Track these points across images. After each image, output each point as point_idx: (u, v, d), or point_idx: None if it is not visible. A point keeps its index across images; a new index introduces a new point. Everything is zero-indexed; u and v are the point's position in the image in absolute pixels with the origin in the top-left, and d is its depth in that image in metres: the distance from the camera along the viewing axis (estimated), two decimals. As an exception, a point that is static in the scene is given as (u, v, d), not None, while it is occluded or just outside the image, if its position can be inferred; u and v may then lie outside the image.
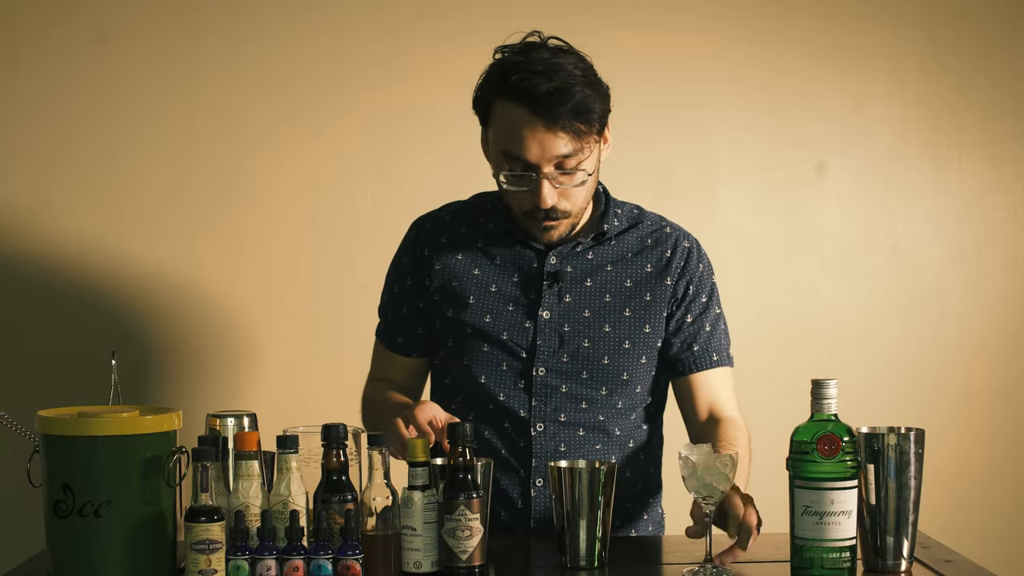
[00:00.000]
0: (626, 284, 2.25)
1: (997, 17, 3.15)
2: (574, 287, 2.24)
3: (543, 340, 2.21)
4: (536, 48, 2.16)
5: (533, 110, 2.08)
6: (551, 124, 2.08)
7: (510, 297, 2.24)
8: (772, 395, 3.04)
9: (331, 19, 3.02)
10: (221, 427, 1.91)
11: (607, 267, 2.26)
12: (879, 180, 3.15)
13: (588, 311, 2.23)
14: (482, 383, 2.21)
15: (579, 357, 2.21)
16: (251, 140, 3.01)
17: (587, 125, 2.11)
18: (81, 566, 1.76)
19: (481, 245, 2.28)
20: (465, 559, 1.80)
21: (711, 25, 3.09)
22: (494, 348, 2.22)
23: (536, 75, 2.09)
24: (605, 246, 2.27)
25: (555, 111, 2.08)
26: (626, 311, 2.24)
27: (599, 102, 2.14)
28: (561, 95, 2.08)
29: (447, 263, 2.27)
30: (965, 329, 3.17)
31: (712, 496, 1.86)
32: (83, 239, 2.98)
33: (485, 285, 2.25)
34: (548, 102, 2.08)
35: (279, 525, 1.78)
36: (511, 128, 2.11)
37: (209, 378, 3.02)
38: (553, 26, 3.05)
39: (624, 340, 2.23)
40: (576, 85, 2.10)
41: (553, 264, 2.24)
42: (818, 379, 1.83)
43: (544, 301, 2.23)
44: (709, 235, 3.10)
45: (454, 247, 2.28)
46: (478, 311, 2.23)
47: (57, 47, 2.97)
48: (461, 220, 2.31)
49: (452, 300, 2.25)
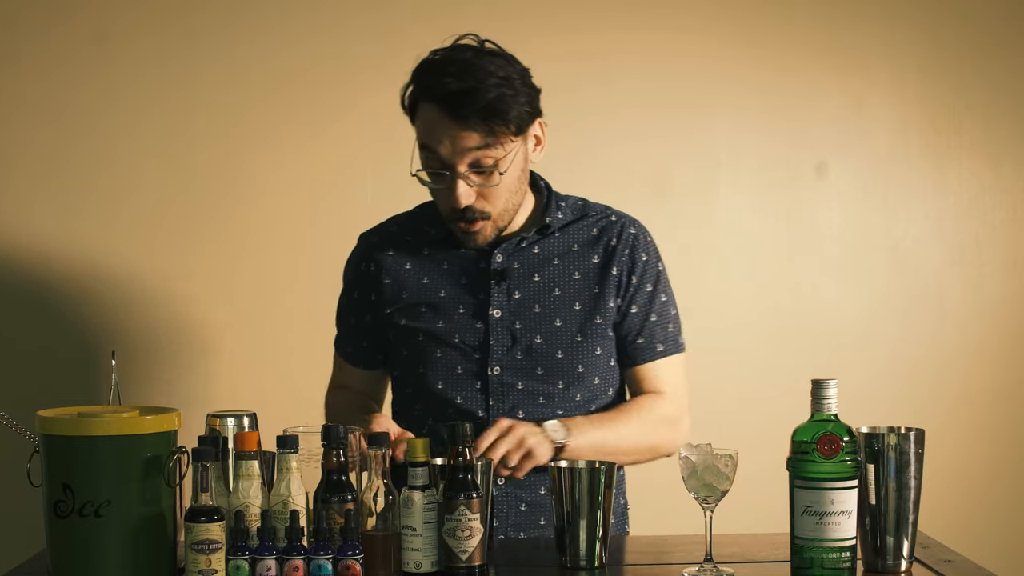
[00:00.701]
0: (574, 277, 2.26)
1: (997, 17, 3.15)
2: (522, 283, 2.25)
3: (495, 339, 2.22)
4: (460, 49, 2.18)
5: (443, 108, 2.11)
6: (461, 123, 2.11)
7: (459, 300, 2.25)
8: (772, 395, 3.04)
9: (331, 19, 3.02)
10: (221, 427, 1.91)
11: (554, 260, 2.26)
12: (879, 180, 3.15)
13: (538, 306, 2.24)
14: (440, 388, 2.23)
15: (533, 353, 2.22)
16: (251, 140, 3.01)
17: (500, 124, 2.12)
18: (81, 566, 1.76)
19: (427, 252, 2.29)
20: (465, 559, 1.80)
21: (711, 25, 3.09)
22: (448, 352, 2.23)
23: (448, 75, 2.11)
24: (550, 239, 2.28)
25: (463, 110, 2.10)
26: (576, 304, 2.25)
27: (518, 103, 2.14)
28: (471, 94, 2.10)
29: (396, 275, 2.29)
30: (965, 329, 3.17)
31: (712, 496, 1.86)
32: (83, 238, 2.98)
33: (434, 291, 2.26)
34: (457, 101, 2.10)
35: (279, 525, 1.78)
36: (427, 125, 2.15)
37: (209, 378, 3.02)
38: (552, 26, 3.07)
39: (576, 333, 2.23)
40: (490, 85, 2.11)
41: (499, 262, 2.25)
42: (818, 379, 1.83)
43: (493, 300, 2.23)
44: (709, 235, 3.13)
45: (402, 258, 2.30)
46: (430, 318, 2.25)
47: (57, 47, 2.97)
48: (407, 230, 2.33)
49: (404, 310, 2.27)
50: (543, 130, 2.22)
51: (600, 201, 2.36)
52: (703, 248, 3.09)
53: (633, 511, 2.40)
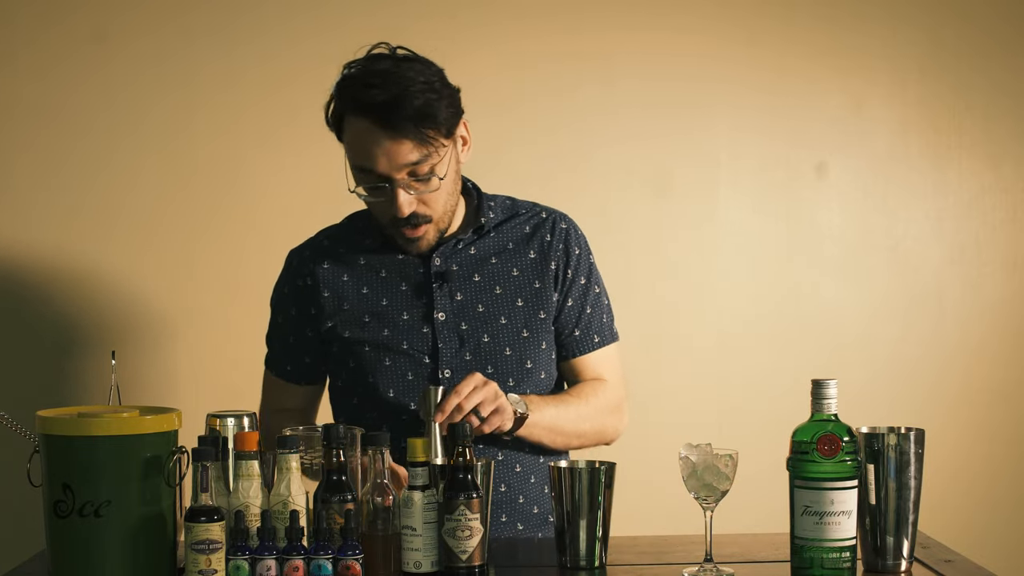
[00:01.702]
0: (513, 274, 2.27)
1: (997, 17, 3.15)
2: (463, 284, 2.25)
3: (444, 342, 2.22)
4: (377, 59, 2.16)
5: (374, 121, 2.10)
6: (393, 133, 2.10)
7: (403, 306, 2.25)
8: (772, 395, 3.04)
9: (331, 19, 3.02)
10: (221, 427, 1.91)
11: (492, 259, 2.28)
12: (879, 180, 3.15)
13: (482, 306, 2.25)
14: (391, 396, 2.22)
15: (481, 352, 2.22)
16: (250, 140, 3.01)
17: (431, 130, 2.12)
18: (81, 566, 1.76)
19: (364, 262, 2.29)
20: (465, 559, 1.80)
21: (711, 25, 3.09)
22: (397, 359, 2.22)
23: (372, 87, 2.10)
24: (485, 239, 2.29)
25: (394, 120, 2.09)
26: (518, 301, 2.26)
27: (444, 105, 2.14)
28: (399, 102, 2.09)
29: (334, 287, 2.28)
30: (965, 329, 3.17)
31: (712, 496, 1.86)
32: (82, 238, 2.98)
33: (376, 300, 2.26)
34: (386, 111, 2.09)
35: (279, 525, 1.78)
36: (357, 142, 2.14)
37: (209, 378, 3.02)
38: (552, 26, 3.07)
39: (522, 329, 2.25)
40: (415, 91, 2.10)
41: (438, 265, 2.25)
42: (818, 379, 1.83)
43: (437, 303, 2.24)
44: (709, 235, 3.12)
45: (338, 270, 2.29)
46: (374, 327, 2.24)
47: (55, 47, 2.97)
48: (339, 242, 2.32)
49: (347, 322, 2.26)
50: (467, 129, 2.22)
51: (601, 201, 2.36)
52: (703, 248, 3.09)
53: (633, 511, 2.40)
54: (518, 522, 2.25)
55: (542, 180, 2.49)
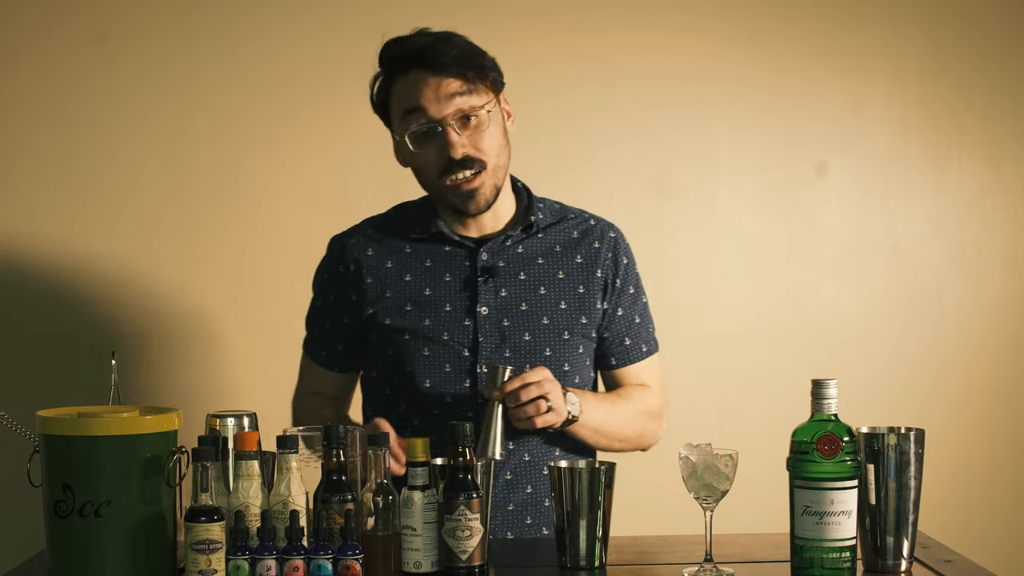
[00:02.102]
0: (558, 276, 2.27)
1: (997, 17, 3.15)
2: (508, 281, 2.25)
3: (484, 336, 2.22)
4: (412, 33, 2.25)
5: (420, 64, 2.17)
6: (439, 70, 2.17)
7: (446, 297, 2.25)
8: (772, 395, 3.04)
9: (331, 19, 3.02)
10: (221, 427, 1.91)
11: (538, 260, 2.28)
12: (879, 180, 3.15)
13: (525, 304, 2.25)
14: (427, 387, 2.22)
15: (521, 350, 2.22)
16: (251, 141, 3.01)
17: (475, 71, 2.18)
18: (81, 566, 1.76)
19: (409, 251, 2.29)
20: (465, 559, 1.80)
21: (711, 25, 3.09)
22: (436, 350, 2.22)
23: (416, 37, 2.20)
24: (533, 239, 2.29)
25: (440, 58, 2.17)
26: (562, 303, 2.26)
27: (487, 58, 2.22)
28: (442, 43, 2.18)
29: (377, 274, 2.28)
30: (965, 329, 3.17)
31: (712, 496, 1.86)
32: (83, 239, 2.98)
33: (419, 290, 2.26)
34: (431, 52, 2.17)
35: (279, 525, 1.78)
36: (406, 89, 2.19)
37: (209, 378, 3.02)
38: (552, 26, 3.07)
39: (563, 331, 2.25)
40: (458, 40, 2.21)
41: (485, 259, 2.25)
42: (818, 379, 1.83)
43: (481, 297, 2.24)
44: (709, 235, 3.12)
45: (382, 257, 2.29)
46: (416, 316, 2.24)
47: (57, 47, 2.97)
48: (384, 231, 2.32)
49: (388, 310, 2.26)
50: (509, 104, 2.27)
51: (601, 201, 2.37)
52: (703, 248, 3.09)
53: (633, 511, 2.40)
54: (543, 526, 2.25)
55: (542, 180, 2.49)
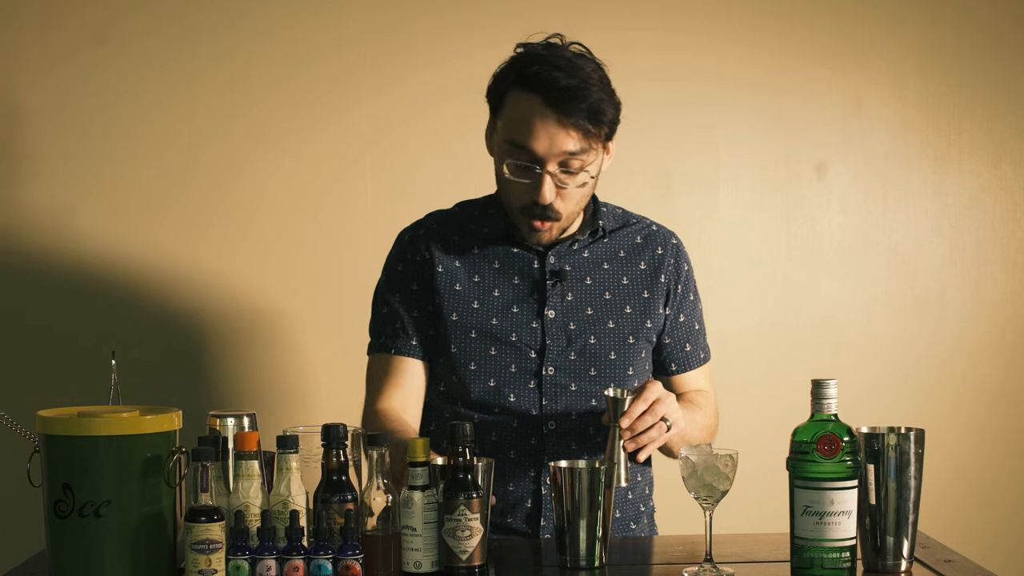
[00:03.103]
0: (623, 282, 2.29)
1: (997, 17, 3.15)
2: (575, 285, 2.26)
3: (551, 339, 2.22)
4: (558, 47, 2.18)
5: (548, 102, 2.10)
6: (564, 119, 2.11)
7: (514, 299, 2.25)
8: (772, 395, 3.04)
9: (331, 19, 3.02)
10: (221, 427, 1.91)
11: (604, 265, 2.29)
12: (879, 180, 3.15)
13: (591, 308, 2.25)
14: (492, 386, 2.21)
15: (587, 354, 2.23)
16: (251, 140, 3.01)
17: (597, 127, 2.13)
18: (81, 566, 1.76)
19: (477, 251, 2.28)
20: (465, 559, 1.80)
21: (711, 25, 3.09)
22: (503, 350, 2.22)
23: (557, 69, 2.11)
24: (599, 244, 2.30)
25: (570, 106, 2.10)
26: (627, 308, 2.27)
27: (612, 110, 2.16)
28: (578, 92, 2.10)
29: (448, 266, 2.27)
30: (965, 329, 3.17)
31: (713, 496, 1.86)
32: (83, 239, 2.98)
33: (487, 290, 2.25)
34: (565, 96, 2.10)
35: (279, 525, 1.78)
36: (522, 118, 2.13)
37: (209, 378, 3.02)
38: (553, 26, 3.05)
39: (628, 335, 2.26)
40: (594, 87, 2.13)
41: (553, 263, 2.26)
42: (818, 379, 1.83)
43: (549, 300, 2.24)
44: (709, 235, 3.12)
45: (451, 254, 2.28)
46: (483, 315, 2.24)
47: (57, 47, 2.97)
48: (451, 228, 2.31)
49: (456, 305, 2.25)
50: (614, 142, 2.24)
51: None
52: (703, 248, 3.09)
53: (633, 511, 2.41)
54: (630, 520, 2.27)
55: (542, 180, 2.51)
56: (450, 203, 2.38)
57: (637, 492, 2.31)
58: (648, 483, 2.36)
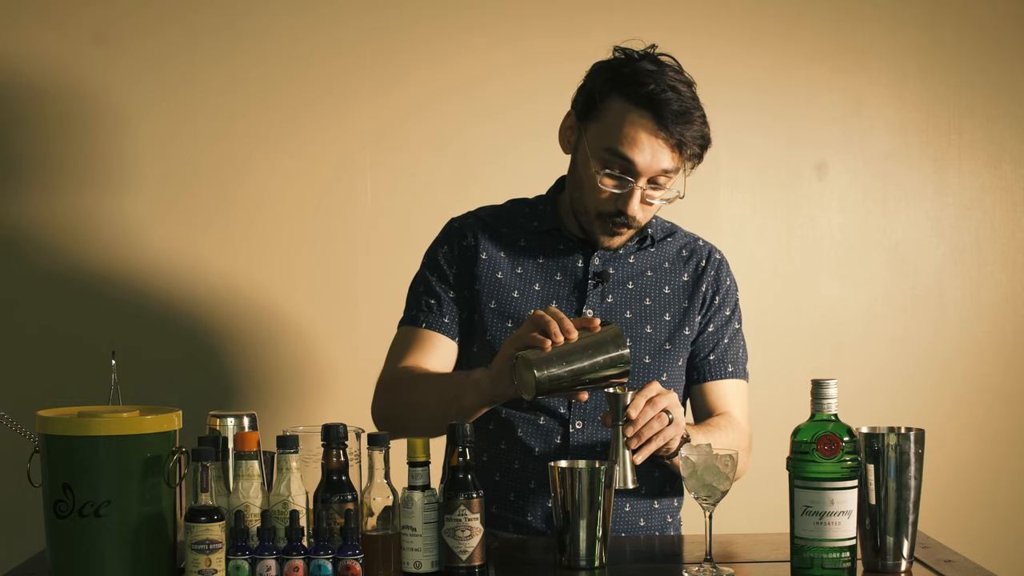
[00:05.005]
0: (664, 291, 2.31)
1: (997, 17, 3.15)
2: (616, 288, 2.28)
3: None
4: (664, 64, 2.20)
5: (660, 122, 2.14)
6: (670, 139, 2.15)
7: (554, 295, 2.27)
8: (772, 395, 3.04)
9: (331, 19, 3.02)
10: (221, 427, 1.91)
11: (647, 272, 2.31)
12: (879, 180, 3.15)
13: (629, 312, 2.27)
14: None
15: None
16: (251, 140, 3.01)
17: (692, 150, 2.18)
18: (81, 566, 1.76)
19: (524, 244, 2.31)
20: (465, 559, 1.80)
21: (711, 25, 3.09)
22: None
23: (672, 91, 2.15)
24: (645, 252, 2.33)
25: (682, 130, 2.15)
26: (666, 315, 2.29)
27: (707, 136, 2.21)
28: (690, 120, 2.15)
29: (492, 255, 2.30)
30: (965, 329, 3.17)
31: (712, 496, 1.86)
32: (83, 239, 2.98)
33: (529, 282, 2.28)
34: (677, 120, 2.14)
35: (279, 525, 1.78)
36: (628, 131, 2.15)
37: (209, 378, 3.02)
38: (553, 26, 3.07)
39: (665, 342, 2.27)
40: (699, 116, 2.18)
41: (597, 264, 2.28)
42: (818, 379, 1.83)
43: (588, 300, 2.26)
44: (709, 235, 3.11)
45: (496, 244, 2.31)
46: (521, 306, 2.26)
47: (57, 47, 2.97)
48: (500, 221, 2.34)
49: (495, 293, 2.27)
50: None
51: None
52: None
53: (633, 511, 2.40)
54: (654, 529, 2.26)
55: (543, 180, 2.49)
56: (450, 203, 2.39)
57: (664, 503, 2.29)
58: (678, 490, 2.32)
